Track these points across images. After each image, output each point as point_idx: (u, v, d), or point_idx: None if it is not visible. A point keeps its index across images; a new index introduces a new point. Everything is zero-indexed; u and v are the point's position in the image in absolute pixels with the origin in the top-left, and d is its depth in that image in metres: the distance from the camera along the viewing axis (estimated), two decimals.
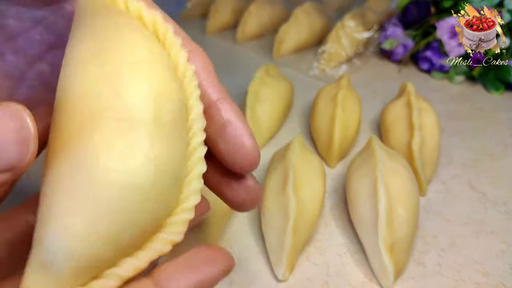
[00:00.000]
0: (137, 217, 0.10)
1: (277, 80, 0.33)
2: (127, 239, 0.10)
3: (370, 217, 0.21)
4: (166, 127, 0.10)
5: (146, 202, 0.10)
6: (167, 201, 0.11)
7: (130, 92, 0.10)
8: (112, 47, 0.11)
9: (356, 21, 0.43)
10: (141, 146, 0.10)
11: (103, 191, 0.09)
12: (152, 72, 0.11)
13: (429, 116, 0.28)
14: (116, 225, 0.09)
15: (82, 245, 0.09)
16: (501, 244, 0.23)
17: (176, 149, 0.10)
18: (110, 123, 0.10)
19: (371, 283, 0.21)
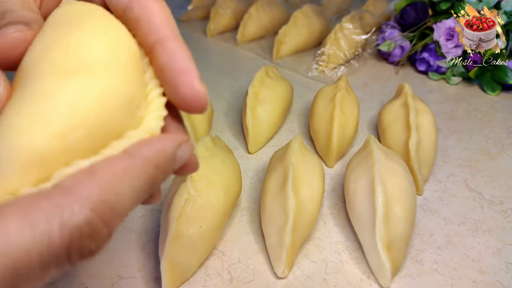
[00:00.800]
0: (91, 123, 0.11)
1: (277, 81, 0.34)
2: (77, 140, 0.11)
3: (368, 215, 0.22)
4: (123, 63, 0.12)
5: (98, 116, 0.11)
6: (128, 122, 0.12)
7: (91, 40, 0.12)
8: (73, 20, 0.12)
9: (354, 23, 0.44)
10: (110, 74, 0.11)
11: (57, 107, 0.10)
12: (107, 27, 0.12)
13: (426, 117, 0.28)
14: (67, 125, 0.10)
15: (30, 142, 0.10)
16: (497, 243, 0.23)
17: (136, 85, 0.12)
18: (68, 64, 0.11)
19: (369, 281, 0.21)
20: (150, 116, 0.12)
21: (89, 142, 0.11)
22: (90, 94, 0.11)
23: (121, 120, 0.12)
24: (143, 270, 0.22)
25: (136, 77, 0.12)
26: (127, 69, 0.12)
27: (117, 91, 0.11)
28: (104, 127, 0.11)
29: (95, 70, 0.11)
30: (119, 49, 0.12)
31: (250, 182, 0.28)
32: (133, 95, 0.12)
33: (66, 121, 0.10)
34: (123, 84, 0.12)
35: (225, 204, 0.22)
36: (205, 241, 0.21)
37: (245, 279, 0.21)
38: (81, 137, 0.11)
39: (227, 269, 0.22)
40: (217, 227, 0.22)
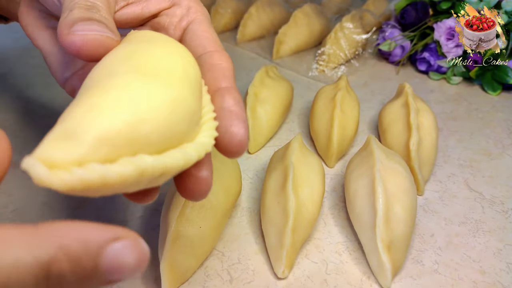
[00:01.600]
0: (165, 123, 0.12)
1: (277, 81, 0.34)
2: (145, 133, 0.11)
3: (368, 216, 0.22)
4: (192, 83, 0.13)
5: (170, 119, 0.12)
6: (188, 133, 0.13)
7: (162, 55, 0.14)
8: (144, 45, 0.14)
9: (354, 23, 0.43)
10: (178, 88, 0.13)
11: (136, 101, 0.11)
12: (181, 51, 0.14)
13: (426, 117, 0.28)
14: (140, 117, 0.11)
15: (107, 122, 0.10)
16: (498, 243, 0.23)
17: (197, 102, 0.13)
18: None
19: (369, 281, 0.21)
20: (204, 133, 0.14)
21: (155, 139, 0.11)
22: (164, 96, 0.12)
23: (183, 130, 0.13)
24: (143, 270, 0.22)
25: (199, 97, 0.14)
26: (194, 87, 0.13)
27: (185, 102, 0.13)
28: (170, 130, 0.12)
29: (171, 79, 0.13)
30: (190, 70, 0.14)
31: (250, 182, 0.28)
32: (195, 111, 0.13)
33: (140, 112, 0.11)
34: (191, 98, 0.13)
35: (225, 204, 0.22)
36: (204, 241, 0.21)
37: (245, 279, 0.21)
38: (149, 132, 0.11)
39: (227, 270, 0.22)
40: (217, 227, 0.22)
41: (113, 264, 0.10)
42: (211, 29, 0.18)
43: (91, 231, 0.10)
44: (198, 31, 0.17)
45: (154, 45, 0.14)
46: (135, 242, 0.10)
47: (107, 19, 0.14)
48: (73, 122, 0.10)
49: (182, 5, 0.17)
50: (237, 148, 0.14)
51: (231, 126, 0.14)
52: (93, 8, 0.14)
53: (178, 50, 0.14)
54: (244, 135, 0.14)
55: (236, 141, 0.14)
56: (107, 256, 0.10)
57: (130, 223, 0.24)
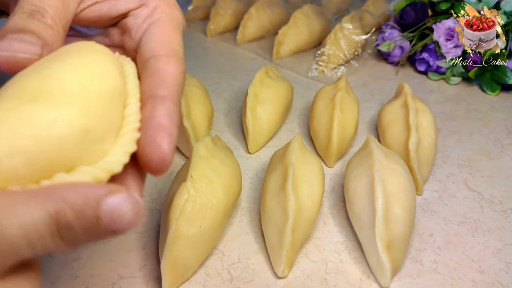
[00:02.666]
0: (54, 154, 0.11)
1: (277, 81, 0.34)
2: (14, 166, 0.11)
3: (368, 215, 0.22)
4: (95, 98, 0.12)
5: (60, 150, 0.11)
6: (80, 155, 0.12)
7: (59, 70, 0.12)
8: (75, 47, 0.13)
9: (354, 23, 0.44)
10: (66, 104, 0.12)
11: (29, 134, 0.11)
12: (92, 62, 0.13)
13: (425, 117, 0.28)
14: (4, 150, 0.10)
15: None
16: (497, 243, 0.23)
17: (101, 118, 0.12)
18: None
19: (369, 280, 0.21)
20: (115, 150, 0.12)
21: (28, 169, 0.11)
22: (38, 122, 0.11)
23: (71, 153, 0.11)
24: (143, 270, 0.22)
25: (106, 111, 0.12)
26: (94, 103, 0.12)
27: (69, 123, 0.11)
28: (48, 157, 0.11)
29: (55, 100, 0.11)
30: (92, 84, 0.12)
31: (250, 182, 0.28)
32: (92, 129, 0.12)
33: (4, 145, 0.10)
34: (79, 117, 0.12)
35: (225, 204, 0.22)
36: (205, 241, 0.21)
37: (245, 278, 0.21)
38: (19, 164, 0.11)
39: (227, 269, 0.22)
40: (217, 227, 0.22)
41: (112, 214, 0.11)
42: (173, 31, 0.16)
43: (88, 187, 0.11)
44: (156, 33, 0.15)
45: (56, 60, 0.13)
46: (129, 195, 0.11)
47: (47, 26, 0.13)
48: None
49: (149, 5, 0.16)
50: (159, 164, 0.13)
51: (155, 139, 0.13)
52: (36, 14, 0.13)
53: (86, 61, 0.13)
54: (167, 150, 0.13)
55: (158, 156, 0.13)
56: (106, 207, 0.11)
57: None
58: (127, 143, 0.13)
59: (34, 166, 0.11)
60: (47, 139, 0.11)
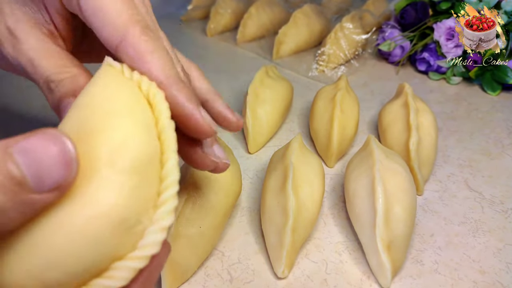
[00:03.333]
0: (80, 262, 0.10)
1: (277, 81, 0.34)
2: (54, 278, 0.10)
3: (368, 215, 0.22)
4: (127, 176, 0.11)
5: (92, 249, 0.11)
6: (117, 248, 0.11)
7: (94, 140, 0.11)
8: (98, 98, 0.12)
9: (354, 23, 0.43)
10: (96, 195, 0.11)
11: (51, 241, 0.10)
12: (120, 123, 0.12)
13: (426, 117, 0.28)
14: (43, 266, 0.10)
15: (12, 276, 0.10)
16: (498, 243, 0.23)
17: (137, 198, 0.11)
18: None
19: (369, 281, 0.21)
20: (153, 227, 0.12)
21: (66, 277, 0.10)
22: (71, 229, 0.10)
23: (108, 249, 0.11)
24: None
25: (142, 188, 0.11)
26: (127, 184, 0.11)
27: (104, 219, 0.11)
28: (86, 261, 0.11)
29: (86, 192, 0.11)
30: (123, 160, 0.11)
31: (250, 182, 0.28)
32: (128, 217, 0.11)
33: (42, 260, 0.10)
34: (113, 209, 0.11)
35: (225, 204, 0.22)
36: (205, 241, 0.21)
37: (245, 279, 0.21)
38: (58, 275, 0.10)
39: (227, 269, 0.22)
40: (217, 227, 0.22)
41: (22, 146, 0.09)
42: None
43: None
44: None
45: (81, 137, 0.11)
46: (49, 133, 0.10)
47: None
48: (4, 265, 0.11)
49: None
50: (237, 125, 0.17)
51: (220, 112, 0.17)
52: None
53: (112, 132, 0.11)
54: (233, 116, 0.17)
55: (232, 121, 0.17)
56: (18, 149, 0.09)
57: None
58: (165, 216, 0.12)
59: (71, 274, 0.10)
60: (82, 244, 0.10)
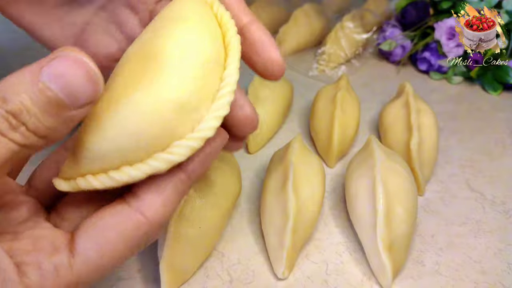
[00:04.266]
0: (155, 132, 0.13)
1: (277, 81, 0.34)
2: (134, 148, 0.13)
3: (369, 216, 0.21)
4: (193, 70, 0.13)
5: (162, 125, 0.13)
6: (178, 128, 0.13)
7: (168, 39, 0.14)
8: (175, 8, 0.15)
9: (355, 22, 0.43)
10: (167, 83, 0.13)
11: (130, 116, 0.13)
12: (192, 27, 0.14)
13: (427, 117, 0.28)
14: (119, 132, 0.13)
15: (95, 144, 0.13)
16: (499, 243, 0.23)
17: (199, 90, 0.14)
18: (141, 63, 0.13)
19: (370, 282, 0.21)
20: (208, 116, 0.14)
21: (135, 150, 0.13)
22: (143, 109, 0.13)
23: (169, 130, 0.13)
24: (142, 271, 0.22)
25: (203, 80, 0.14)
26: (191, 75, 0.13)
27: (169, 102, 0.13)
28: (152, 136, 0.13)
29: (157, 80, 0.13)
30: (189, 55, 0.14)
31: (250, 182, 0.28)
32: (188, 101, 0.13)
33: (121, 129, 0.13)
34: (178, 94, 0.13)
35: (225, 204, 0.22)
36: (204, 242, 0.21)
37: (244, 280, 0.21)
38: (131, 145, 0.13)
39: (227, 270, 0.22)
40: (217, 227, 0.21)
41: (52, 74, 0.11)
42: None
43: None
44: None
45: (159, 35, 0.14)
46: (73, 56, 0.11)
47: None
48: (76, 144, 0.14)
49: None
50: (279, 69, 0.16)
51: (267, 52, 0.16)
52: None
53: (184, 33, 0.14)
54: (279, 57, 0.16)
55: (274, 64, 0.16)
56: (48, 71, 0.11)
57: None
58: (221, 107, 0.14)
59: (139, 147, 0.13)
60: (151, 122, 0.13)
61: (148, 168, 0.13)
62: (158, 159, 0.13)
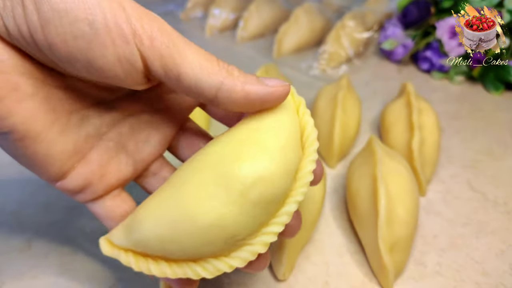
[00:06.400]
0: (215, 236, 0.14)
1: None
2: (183, 248, 0.14)
3: (370, 217, 0.21)
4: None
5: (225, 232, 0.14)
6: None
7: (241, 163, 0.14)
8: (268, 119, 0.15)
9: (356, 21, 0.43)
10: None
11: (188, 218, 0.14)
12: (271, 140, 0.15)
13: (429, 116, 0.28)
14: (191, 239, 0.14)
15: (150, 228, 0.14)
16: (501, 244, 0.23)
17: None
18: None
19: (371, 283, 0.21)
20: (299, 183, 0.15)
21: (188, 251, 0.14)
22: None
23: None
24: (142, 273, 0.21)
25: (291, 163, 0.15)
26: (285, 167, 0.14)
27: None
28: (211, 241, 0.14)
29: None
30: (285, 140, 0.15)
31: None
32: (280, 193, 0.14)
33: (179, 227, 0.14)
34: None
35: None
36: None
37: (244, 282, 0.21)
38: (181, 248, 0.14)
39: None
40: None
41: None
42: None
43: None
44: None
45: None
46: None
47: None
48: (136, 216, 0.14)
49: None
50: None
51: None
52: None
53: (277, 129, 0.15)
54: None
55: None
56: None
57: None
58: (304, 185, 0.15)
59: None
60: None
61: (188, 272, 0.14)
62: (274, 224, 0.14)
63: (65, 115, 0.15)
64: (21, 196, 0.26)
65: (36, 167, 0.14)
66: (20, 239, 0.23)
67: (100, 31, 0.12)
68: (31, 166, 0.15)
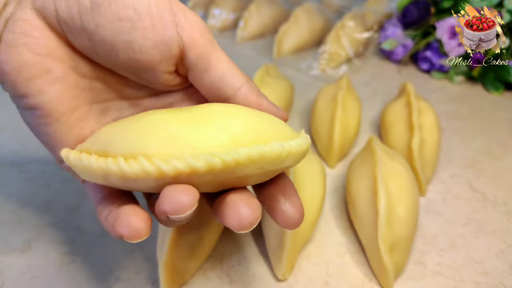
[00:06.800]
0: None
1: (277, 80, 0.33)
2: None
3: (370, 217, 0.21)
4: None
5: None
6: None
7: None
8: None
9: (356, 21, 0.43)
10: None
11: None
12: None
13: (429, 116, 0.28)
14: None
15: (109, 131, 0.14)
16: (501, 244, 0.23)
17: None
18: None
19: (371, 283, 0.21)
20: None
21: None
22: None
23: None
24: (141, 273, 0.21)
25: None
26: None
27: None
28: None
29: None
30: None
31: None
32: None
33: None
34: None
35: None
36: (204, 243, 0.21)
37: (245, 282, 0.21)
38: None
39: (227, 272, 0.21)
40: (216, 229, 0.21)
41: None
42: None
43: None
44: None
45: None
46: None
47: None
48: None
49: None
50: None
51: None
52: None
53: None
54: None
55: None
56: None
57: None
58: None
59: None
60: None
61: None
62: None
63: (87, 104, 0.15)
64: (21, 196, 0.26)
65: (54, 146, 0.15)
66: (20, 239, 0.23)
67: (142, 15, 0.14)
68: (50, 145, 0.15)
